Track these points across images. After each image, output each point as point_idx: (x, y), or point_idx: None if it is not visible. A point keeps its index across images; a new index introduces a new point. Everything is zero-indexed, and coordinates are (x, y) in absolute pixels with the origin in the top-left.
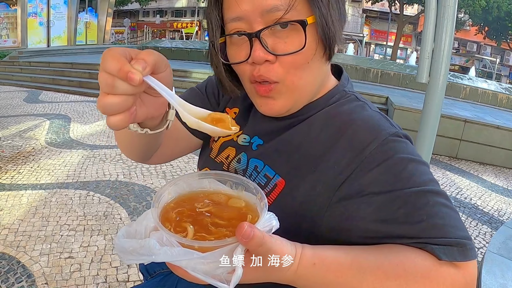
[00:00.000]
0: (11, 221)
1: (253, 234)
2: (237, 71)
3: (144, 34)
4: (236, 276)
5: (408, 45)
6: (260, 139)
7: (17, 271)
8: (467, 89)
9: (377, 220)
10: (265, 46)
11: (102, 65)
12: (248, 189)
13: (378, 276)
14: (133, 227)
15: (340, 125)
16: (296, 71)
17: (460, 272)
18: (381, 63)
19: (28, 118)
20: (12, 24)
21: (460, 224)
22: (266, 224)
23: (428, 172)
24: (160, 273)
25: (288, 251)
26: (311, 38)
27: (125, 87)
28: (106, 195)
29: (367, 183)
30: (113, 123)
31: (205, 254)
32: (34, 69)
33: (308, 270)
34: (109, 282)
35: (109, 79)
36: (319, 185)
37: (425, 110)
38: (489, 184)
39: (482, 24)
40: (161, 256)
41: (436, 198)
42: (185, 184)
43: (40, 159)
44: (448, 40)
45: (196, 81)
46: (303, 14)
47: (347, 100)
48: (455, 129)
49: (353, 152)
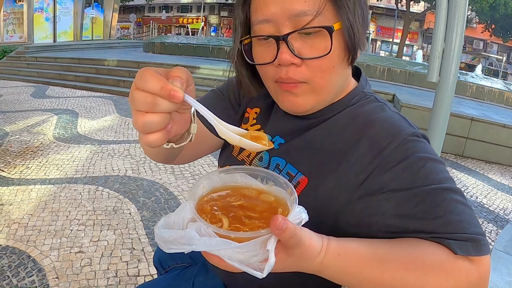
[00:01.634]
0: (21, 215)
1: (286, 226)
2: (260, 71)
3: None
4: (269, 264)
5: (414, 42)
6: (281, 138)
7: (27, 265)
8: (473, 87)
9: (397, 216)
10: (292, 49)
11: (141, 84)
12: (278, 183)
13: (399, 267)
14: (171, 218)
15: (361, 125)
16: (322, 74)
17: (474, 266)
18: (387, 60)
19: (36, 113)
20: (18, 20)
21: (474, 220)
22: (296, 217)
23: (444, 170)
24: (175, 267)
25: (316, 242)
26: (337, 43)
27: (166, 105)
28: (115, 190)
29: (387, 180)
30: (151, 141)
31: (241, 244)
32: (40, 64)
33: (333, 260)
34: (119, 277)
35: (149, 97)
36: (341, 183)
37: (435, 109)
38: (494, 182)
39: (489, 21)
40: (201, 246)
41: (452, 196)
42: (218, 178)
43: (48, 154)
44: (458, 40)
45: (202, 77)
46: (330, 20)
47: (367, 101)
48: (461, 127)
49: (374, 152)
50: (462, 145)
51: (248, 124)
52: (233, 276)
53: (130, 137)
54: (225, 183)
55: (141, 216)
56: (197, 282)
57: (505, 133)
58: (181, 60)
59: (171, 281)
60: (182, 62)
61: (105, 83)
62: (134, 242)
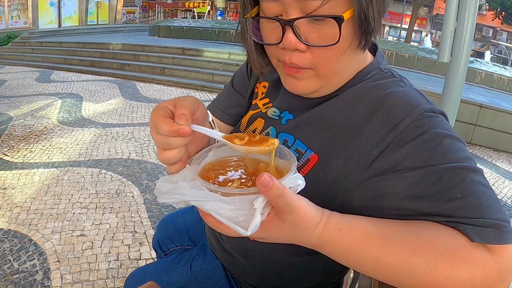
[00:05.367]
0: (23, 199)
1: (272, 183)
2: (267, 50)
3: (155, 13)
4: (254, 223)
5: (422, 28)
6: (290, 114)
7: (29, 249)
8: (482, 74)
9: (410, 197)
10: (298, 34)
11: (153, 128)
12: (282, 155)
13: (405, 249)
14: (174, 177)
15: (375, 100)
16: (328, 62)
17: (493, 256)
18: (395, 45)
19: (40, 98)
20: (23, 5)
21: (497, 205)
22: (291, 181)
23: (464, 149)
24: (174, 250)
25: (313, 212)
26: (347, 31)
27: (178, 141)
28: (118, 173)
29: (401, 158)
30: (173, 170)
31: (227, 198)
32: (45, 49)
33: (334, 235)
34: (121, 260)
35: (163, 139)
36: (352, 160)
37: (446, 93)
38: (502, 171)
39: (499, 9)
40: (189, 196)
41: (472, 176)
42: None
43: (52, 138)
44: (471, 19)
45: (208, 60)
46: (342, 5)
47: (383, 76)
48: (470, 114)
49: (387, 127)
50: (470, 132)
51: (258, 99)
52: (234, 258)
53: (134, 120)
54: (228, 154)
55: (144, 199)
56: (195, 265)
57: None
58: (187, 43)
59: (168, 264)
60: (187, 45)
61: (110, 66)
62: (136, 225)
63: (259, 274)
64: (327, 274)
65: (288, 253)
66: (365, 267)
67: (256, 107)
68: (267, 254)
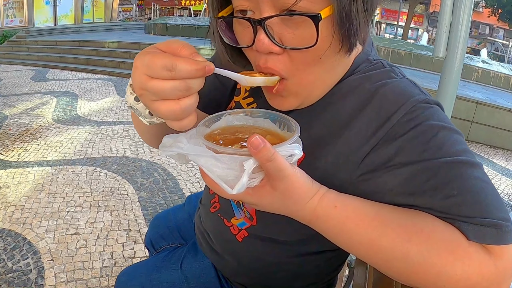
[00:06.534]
0: (18, 198)
1: (263, 146)
2: (245, 53)
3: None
4: (240, 183)
5: (419, 25)
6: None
7: (23, 248)
8: (479, 71)
9: (404, 194)
10: (271, 35)
11: (165, 74)
12: (290, 127)
13: (400, 235)
14: (181, 135)
15: (365, 93)
16: (305, 67)
17: (491, 257)
18: (392, 42)
19: (35, 96)
20: (18, 4)
21: (497, 202)
22: (287, 149)
23: (461, 141)
24: (166, 248)
25: (306, 184)
26: (326, 32)
27: (199, 83)
28: (113, 171)
29: (393, 153)
30: (186, 124)
31: (218, 155)
32: (41, 47)
33: (328, 212)
34: (115, 258)
35: (182, 84)
36: (341, 157)
37: (441, 89)
38: (499, 167)
39: (496, 6)
40: (185, 149)
41: (470, 171)
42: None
43: (47, 136)
44: (467, 13)
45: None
46: (320, 3)
47: (372, 68)
48: (466, 111)
49: (379, 122)
50: (467, 129)
51: (240, 97)
52: (223, 258)
53: (130, 118)
54: (236, 123)
55: (139, 197)
56: (185, 263)
57: (511, 118)
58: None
59: (159, 262)
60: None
61: (106, 65)
62: (131, 223)
63: (249, 274)
64: (319, 274)
65: (279, 254)
66: (358, 249)
67: (239, 106)
68: (256, 255)
